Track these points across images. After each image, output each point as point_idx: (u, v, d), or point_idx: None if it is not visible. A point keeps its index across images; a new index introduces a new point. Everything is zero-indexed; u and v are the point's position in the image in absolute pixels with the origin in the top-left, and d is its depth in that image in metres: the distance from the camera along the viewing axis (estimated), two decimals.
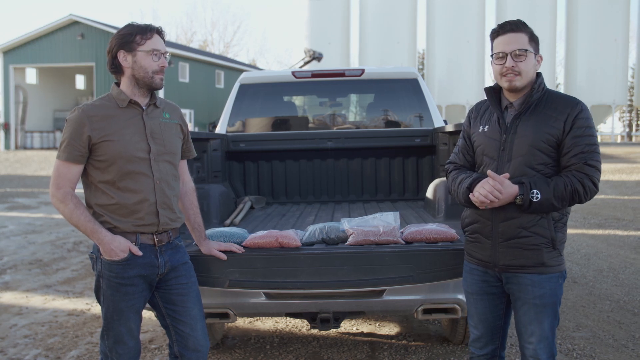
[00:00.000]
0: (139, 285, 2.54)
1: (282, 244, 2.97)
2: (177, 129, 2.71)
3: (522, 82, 2.40)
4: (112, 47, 2.55)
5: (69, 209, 2.45)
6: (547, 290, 2.40)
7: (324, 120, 5.74)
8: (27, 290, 5.85)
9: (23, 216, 11.12)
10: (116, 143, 2.48)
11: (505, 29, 2.43)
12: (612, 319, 4.74)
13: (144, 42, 2.52)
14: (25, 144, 33.01)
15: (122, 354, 2.55)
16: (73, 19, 30.81)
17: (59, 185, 2.48)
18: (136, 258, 2.51)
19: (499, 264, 2.47)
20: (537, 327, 2.43)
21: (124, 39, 2.52)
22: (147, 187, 2.53)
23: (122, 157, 2.48)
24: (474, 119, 2.63)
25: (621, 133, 46.50)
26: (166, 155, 2.61)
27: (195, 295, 2.70)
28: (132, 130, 2.53)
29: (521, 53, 2.38)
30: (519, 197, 2.33)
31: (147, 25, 2.56)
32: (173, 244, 2.65)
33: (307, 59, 26.39)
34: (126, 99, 2.55)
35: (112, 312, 2.52)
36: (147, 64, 2.53)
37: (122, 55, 2.53)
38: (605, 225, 9.38)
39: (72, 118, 2.49)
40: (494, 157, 2.48)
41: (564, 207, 2.36)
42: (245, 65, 43.23)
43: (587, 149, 2.35)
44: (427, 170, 5.05)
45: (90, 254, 2.59)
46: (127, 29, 2.55)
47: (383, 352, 4.06)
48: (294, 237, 3.01)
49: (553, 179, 2.34)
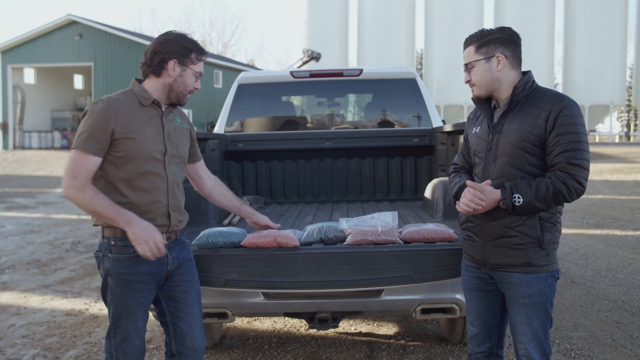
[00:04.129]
0: (149, 284, 2.53)
1: (280, 244, 2.97)
2: (187, 134, 2.75)
3: (479, 90, 2.48)
4: (165, 51, 2.53)
5: (89, 196, 2.39)
6: (536, 290, 2.40)
7: (322, 120, 5.74)
8: (25, 290, 5.85)
9: (21, 216, 11.11)
10: (137, 141, 2.47)
11: (463, 46, 2.53)
12: (610, 318, 4.74)
13: (197, 63, 2.58)
14: (23, 144, 32.96)
15: (128, 353, 2.54)
16: (71, 19, 30.76)
17: (76, 175, 2.41)
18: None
19: (488, 263, 2.50)
20: (528, 326, 2.43)
21: (182, 51, 2.54)
22: (161, 188, 2.54)
23: (142, 156, 2.48)
24: (471, 121, 2.67)
25: (619, 133, 46.52)
26: (178, 159, 2.64)
27: (197, 293, 2.72)
28: (153, 130, 2.54)
29: (471, 66, 2.47)
30: (501, 202, 2.35)
31: (200, 47, 2.61)
32: (180, 241, 2.67)
33: (306, 58, 26.36)
34: (149, 98, 2.55)
35: (121, 310, 2.50)
36: (190, 83, 2.58)
37: (173, 64, 2.53)
38: (603, 225, 9.39)
39: (97, 110, 2.44)
40: (482, 158, 2.51)
41: (549, 208, 2.35)
42: (243, 65, 43.16)
43: (571, 146, 2.28)
44: (425, 170, 5.05)
45: (95, 253, 2.56)
46: (188, 42, 2.56)
47: (381, 352, 4.06)
48: (293, 237, 3.01)
49: (535, 181, 2.32)
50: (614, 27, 35.86)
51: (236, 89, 5.26)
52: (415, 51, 40.90)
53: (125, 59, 28.63)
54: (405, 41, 37.44)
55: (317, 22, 37.57)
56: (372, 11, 37.23)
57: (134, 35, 31.96)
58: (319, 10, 37.73)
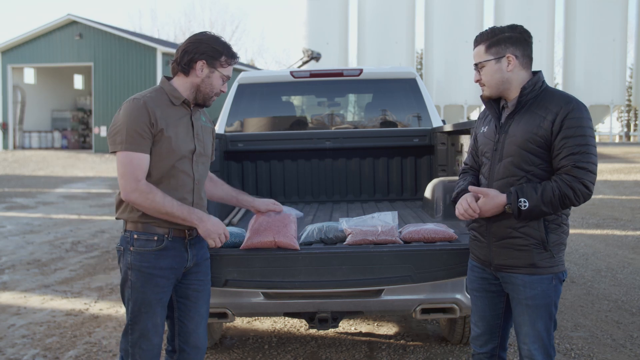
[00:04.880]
0: (170, 279, 2.54)
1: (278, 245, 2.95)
2: (211, 132, 2.78)
3: (489, 90, 2.46)
4: (196, 51, 2.52)
5: (159, 197, 2.41)
6: (539, 292, 2.39)
7: (322, 120, 5.74)
8: (25, 290, 5.84)
9: (21, 216, 11.11)
10: (171, 139, 2.48)
11: (473, 44, 2.50)
12: (610, 318, 4.75)
13: (226, 66, 2.57)
14: (23, 144, 32.95)
15: (145, 350, 2.52)
16: (71, 19, 30.75)
17: (139, 177, 2.40)
18: (168, 249, 2.51)
19: (493, 263, 2.49)
20: (531, 328, 2.42)
21: (212, 53, 2.53)
22: (187, 186, 2.56)
23: (175, 154, 2.50)
24: (480, 120, 2.67)
25: (619, 133, 46.50)
26: (204, 158, 2.67)
27: (208, 293, 2.74)
28: (184, 129, 2.56)
29: (481, 65, 2.44)
30: (507, 206, 2.34)
31: (232, 51, 2.59)
32: (200, 239, 2.67)
33: (306, 58, 26.33)
34: (180, 97, 2.55)
35: (140, 305, 2.49)
36: (217, 85, 2.58)
37: (201, 65, 2.53)
38: (603, 225, 9.39)
39: (133, 106, 2.43)
40: (489, 158, 2.50)
41: (556, 212, 2.32)
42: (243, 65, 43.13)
43: (577, 150, 2.25)
44: (426, 170, 5.05)
45: (117, 247, 2.56)
46: (219, 45, 2.55)
47: (381, 352, 4.06)
48: (293, 241, 2.99)
49: (541, 185, 2.29)
50: (614, 27, 35.82)
51: (236, 89, 5.26)
52: (415, 51, 40.86)
53: (125, 59, 28.60)
54: (405, 41, 37.40)
55: (317, 22, 37.53)
56: (372, 11, 37.20)
57: (134, 35, 31.94)
58: (319, 10, 37.70)
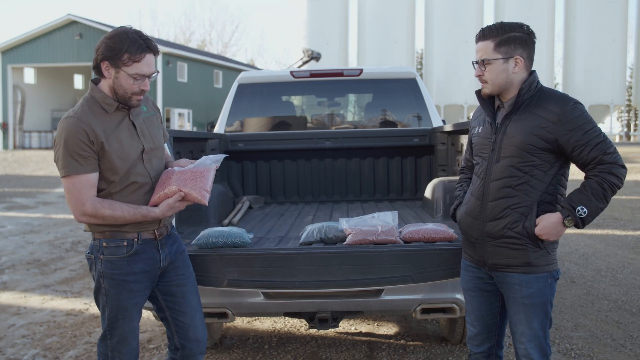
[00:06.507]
0: (144, 283, 2.52)
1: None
2: (157, 121, 2.65)
3: (491, 89, 2.42)
4: (98, 53, 2.39)
5: (109, 212, 2.35)
6: (535, 290, 2.39)
7: (322, 120, 5.74)
8: (25, 290, 5.84)
9: (21, 216, 11.10)
10: (116, 150, 2.39)
11: (477, 37, 2.44)
12: (610, 318, 4.74)
13: (130, 64, 2.35)
14: (23, 144, 32.97)
15: (125, 354, 2.52)
16: (71, 19, 30.77)
17: (83, 201, 2.33)
18: (139, 253, 2.49)
19: (488, 263, 2.49)
20: (527, 327, 2.42)
21: (112, 52, 2.35)
22: (146, 187, 2.51)
23: (125, 162, 2.41)
24: (474, 120, 2.66)
25: (619, 133, 46.53)
26: (156, 152, 2.57)
27: (193, 284, 2.70)
28: (127, 133, 2.45)
29: (487, 62, 2.39)
30: (565, 220, 2.30)
31: (139, 45, 2.36)
32: (171, 235, 2.65)
33: (306, 58, 26.34)
34: (113, 104, 2.42)
35: (117, 311, 2.48)
36: (128, 86, 2.39)
37: (106, 65, 2.38)
38: (603, 225, 9.39)
39: (68, 126, 2.33)
40: (484, 157, 2.49)
41: (608, 202, 2.32)
42: (243, 65, 43.18)
43: (596, 141, 2.28)
44: (426, 170, 5.05)
45: (87, 255, 2.53)
46: (119, 42, 2.35)
47: (381, 352, 4.06)
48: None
49: (586, 187, 2.30)
50: (614, 27, 35.83)
51: (236, 89, 5.27)
52: (415, 51, 40.86)
53: None
54: (405, 41, 37.40)
55: (317, 22, 37.53)
56: (372, 11, 37.19)
57: None
58: (319, 10, 37.69)
